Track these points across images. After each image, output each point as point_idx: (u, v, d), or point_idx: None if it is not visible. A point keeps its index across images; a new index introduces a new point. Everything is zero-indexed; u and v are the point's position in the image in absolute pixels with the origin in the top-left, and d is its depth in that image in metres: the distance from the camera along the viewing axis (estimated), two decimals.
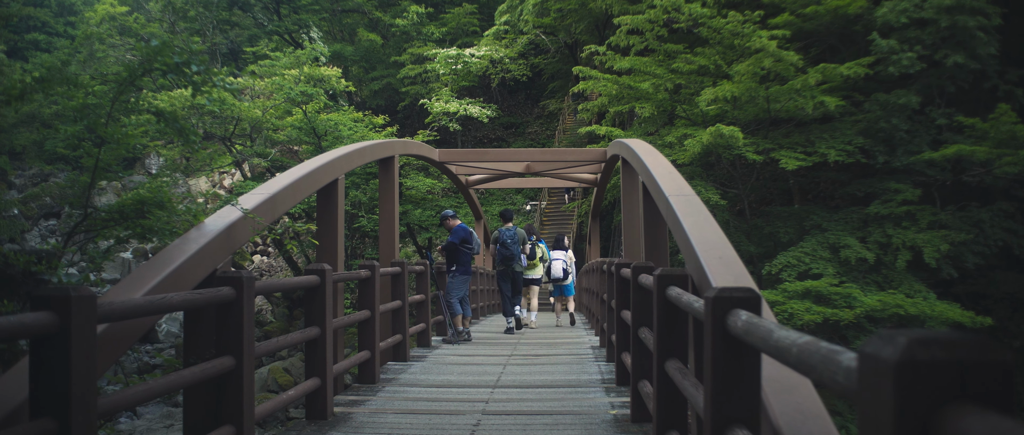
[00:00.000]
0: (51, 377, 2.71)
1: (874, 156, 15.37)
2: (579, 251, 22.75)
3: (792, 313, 12.68)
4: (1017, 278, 14.81)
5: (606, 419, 5.88)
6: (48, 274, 4.47)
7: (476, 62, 28.62)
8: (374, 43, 31.95)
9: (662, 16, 17.36)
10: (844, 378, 1.42)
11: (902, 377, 1.14)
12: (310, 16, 31.98)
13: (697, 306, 3.26)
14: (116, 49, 29.48)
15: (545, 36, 30.46)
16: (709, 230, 4.56)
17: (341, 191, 7.21)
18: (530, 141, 32.38)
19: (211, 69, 4.73)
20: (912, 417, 1.14)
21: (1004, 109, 13.86)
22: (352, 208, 20.47)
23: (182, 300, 3.76)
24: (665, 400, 4.34)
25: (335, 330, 6.36)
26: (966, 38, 14.59)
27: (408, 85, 30.51)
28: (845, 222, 15.45)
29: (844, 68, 14.71)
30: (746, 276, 3.80)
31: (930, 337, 1.16)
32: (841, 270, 14.18)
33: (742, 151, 14.87)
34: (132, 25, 30.20)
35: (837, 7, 15.53)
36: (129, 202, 4.92)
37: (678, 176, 6.23)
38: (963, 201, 15.29)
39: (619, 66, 17.80)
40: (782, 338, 1.89)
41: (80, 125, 4.88)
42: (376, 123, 21.08)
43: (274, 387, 16.42)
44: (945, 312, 12.84)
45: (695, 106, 16.33)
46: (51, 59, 26.32)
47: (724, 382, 2.60)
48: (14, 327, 2.55)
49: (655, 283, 4.45)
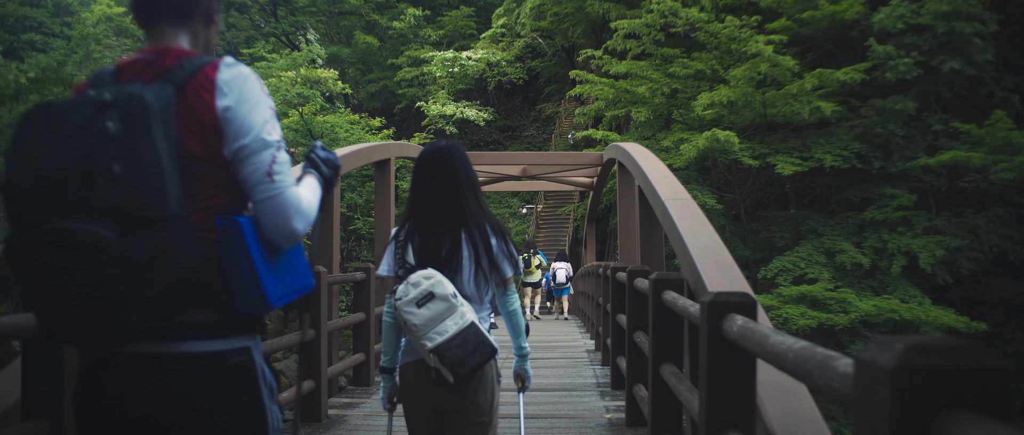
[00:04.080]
0: (44, 378, 2.70)
1: (870, 161, 15.39)
2: (574, 255, 22.82)
3: (787, 318, 12.69)
4: (1012, 284, 14.83)
5: (601, 423, 5.88)
6: None
7: (473, 65, 28.64)
8: (371, 45, 31.96)
9: (659, 20, 17.38)
10: (840, 384, 1.41)
11: (899, 384, 1.14)
12: (307, 18, 31.99)
13: (693, 310, 3.25)
14: (112, 50, 29.49)
15: (542, 39, 30.48)
16: (705, 234, 4.56)
17: (337, 193, 7.21)
18: (527, 144, 32.39)
19: None
20: (909, 424, 1.14)
21: (1000, 115, 13.89)
22: (348, 210, 20.45)
23: None
24: (660, 404, 4.33)
25: (330, 332, 6.35)
26: (963, 44, 14.63)
27: (405, 88, 30.52)
28: (841, 227, 15.47)
29: (841, 73, 14.73)
30: (742, 281, 3.80)
31: (927, 344, 1.15)
32: (836, 275, 14.19)
33: (738, 156, 14.88)
34: (129, 26, 30.18)
35: (834, 12, 15.56)
36: None
37: (674, 180, 6.23)
38: (959, 207, 15.32)
39: (616, 70, 17.81)
40: (778, 343, 1.88)
41: None
42: (372, 125, 21.09)
43: None
44: (940, 317, 12.85)
45: (691, 111, 16.35)
46: (47, 60, 26.28)
47: (719, 387, 2.60)
48: (7, 328, 2.54)
49: (651, 287, 4.45)
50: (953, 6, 14.43)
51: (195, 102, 1.63)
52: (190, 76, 1.64)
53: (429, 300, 2.58)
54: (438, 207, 2.78)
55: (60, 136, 1.50)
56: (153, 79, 1.65)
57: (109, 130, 1.50)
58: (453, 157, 2.83)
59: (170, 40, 1.75)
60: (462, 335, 2.57)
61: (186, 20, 1.77)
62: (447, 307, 2.59)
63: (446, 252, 2.74)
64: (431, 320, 2.57)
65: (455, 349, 2.56)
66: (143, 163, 1.51)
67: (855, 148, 15.26)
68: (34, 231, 1.48)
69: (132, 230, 1.50)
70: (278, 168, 1.67)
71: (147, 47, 1.76)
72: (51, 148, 1.50)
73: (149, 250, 1.51)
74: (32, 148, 1.51)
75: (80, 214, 1.47)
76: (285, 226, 1.67)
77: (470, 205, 2.80)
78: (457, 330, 2.57)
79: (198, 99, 1.63)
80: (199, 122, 1.63)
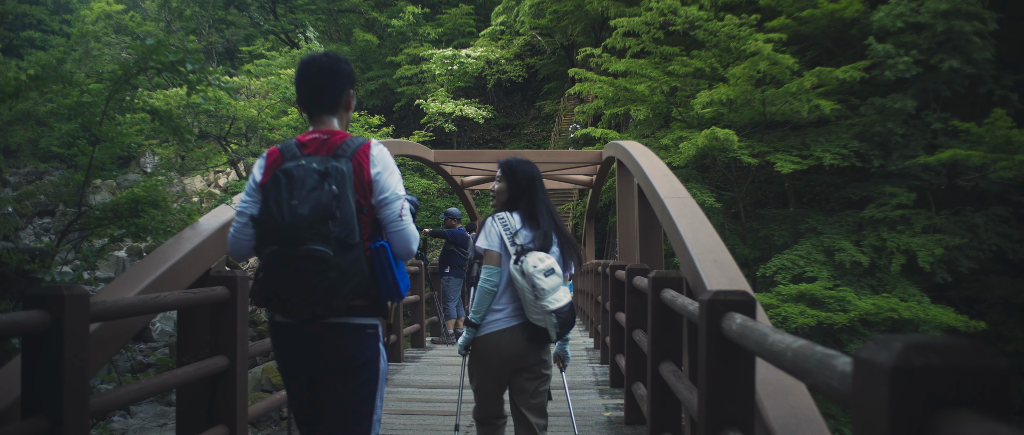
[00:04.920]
0: (44, 376, 2.70)
1: (869, 160, 15.39)
2: None
3: (786, 316, 12.69)
4: (1011, 283, 14.83)
5: (600, 421, 5.88)
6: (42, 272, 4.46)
7: (472, 63, 28.61)
8: (370, 43, 31.93)
9: (658, 19, 17.37)
10: (839, 383, 1.42)
11: (897, 382, 1.14)
12: (306, 16, 31.95)
13: (692, 309, 3.25)
14: (112, 47, 29.45)
15: (541, 37, 30.46)
16: (704, 233, 4.56)
17: None
18: (526, 142, 32.36)
19: (206, 68, 4.72)
20: (907, 422, 1.14)
21: (999, 114, 13.89)
22: None
23: (176, 299, 3.75)
24: (659, 402, 4.34)
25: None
26: (962, 43, 14.62)
27: (404, 85, 30.50)
28: (840, 226, 15.47)
29: (840, 72, 14.72)
30: (741, 279, 3.80)
31: (926, 342, 1.16)
32: (835, 273, 14.19)
33: (737, 154, 14.88)
34: (128, 23, 30.15)
35: (833, 11, 15.55)
36: (123, 201, 4.90)
37: (673, 178, 6.23)
38: (958, 205, 15.32)
39: (615, 68, 17.80)
40: (777, 342, 1.88)
41: (75, 123, 4.87)
42: (372, 123, 21.04)
43: (268, 386, 16.35)
44: (939, 316, 12.85)
45: (691, 109, 16.34)
46: (46, 57, 26.26)
47: (718, 385, 2.60)
48: (7, 325, 2.54)
49: (650, 286, 4.45)
50: (952, 4, 14.42)
51: (358, 170, 2.67)
52: (354, 152, 2.69)
53: (551, 273, 3.41)
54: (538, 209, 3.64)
55: (305, 192, 2.51)
56: (329, 153, 2.68)
57: (334, 191, 2.52)
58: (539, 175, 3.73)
59: (329, 124, 2.82)
60: (570, 305, 3.43)
61: (335, 109, 2.85)
62: (560, 281, 3.44)
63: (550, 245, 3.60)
64: (553, 288, 3.39)
65: (565, 313, 3.41)
66: (347, 211, 2.54)
67: (854, 146, 15.26)
68: (294, 248, 2.49)
69: (342, 250, 2.52)
70: (404, 213, 2.73)
71: (317, 129, 2.81)
72: (300, 200, 2.50)
73: (349, 262, 2.54)
74: (285, 198, 2.52)
75: (319, 240, 2.48)
76: (408, 248, 2.75)
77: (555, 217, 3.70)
78: (568, 301, 3.43)
79: (360, 168, 2.68)
80: (362, 183, 2.67)
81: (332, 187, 2.52)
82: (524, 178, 3.63)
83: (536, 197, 3.63)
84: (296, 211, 2.48)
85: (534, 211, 3.60)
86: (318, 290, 2.51)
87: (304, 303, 2.55)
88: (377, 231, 2.71)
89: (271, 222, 2.52)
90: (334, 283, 2.51)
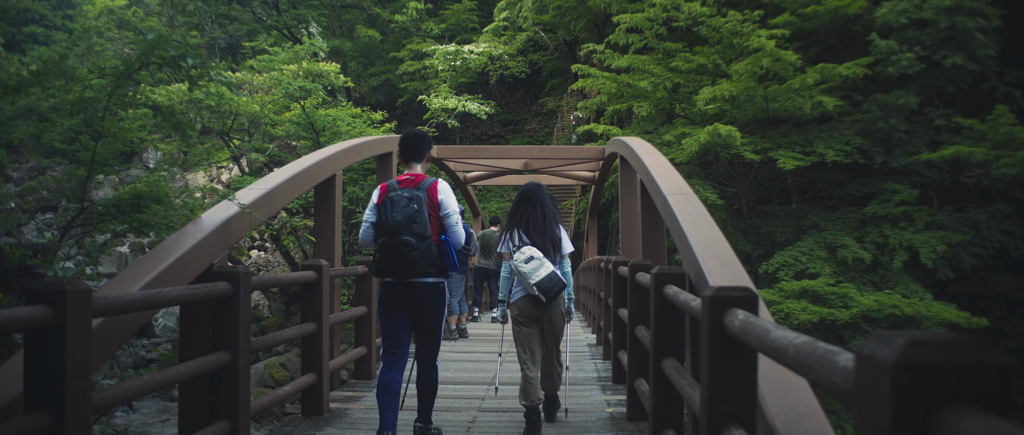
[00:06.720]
0: (46, 371, 2.70)
1: (872, 156, 15.37)
2: (576, 249, 22.74)
3: (789, 312, 12.69)
4: (1014, 279, 14.82)
5: (602, 417, 5.89)
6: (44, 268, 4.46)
7: (475, 59, 28.58)
8: (373, 39, 31.89)
9: (661, 15, 17.34)
10: (841, 379, 1.42)
11: (899, 379, 1.14)
12: (309, 11, 31.89)
13: (694, 305, 3.25)
14: (114, 43, 29.44)
15: (544, 33, 30.43)
16: (707, 229, 4.55)
17: (338, 187, 7.19)
18: (528, 138, 32.35)
19: (208, 63, 4.72)
20: (909, 419, 1.14)
21: (1002, 110, 13.86)
22: (350, 204, 20.44)
23: (178, 295, 3.75)
24: (661, 398, 4.34)
25: (331, 326, 6.35)
26: (965, 39, 14.59)
27: (407, 81, 30.48)
28: (842, 222, 15.46)
29: (843, 68, 14.70)
30: (743, 275, 3.79)
31: (928, 339, 1.16)
32: (838, 270, 14.19)
33: (740, 150, 14.87)
34: (130, 19, 30.10)
35: (837, 7, 15.52)
36: (126, 196, 4.90)
37: (676, 175, 6.22)
38: (960, 202, 15.30)
39: (618, 64, 17.78)
40: (779, 338, 1.88)
41: (77, 119, 4.86)
42: (375, 119, 21.02)
43: (270, 382, 16.39)
44: (941, 313, 12.85)
45: (693, 105, 16.32)
46: (49, 52, 26.25)
47: (721, 381, 2.60)
48: (9, 321, 2.55)
49: (652, 282, 4.45)
50: (956, 1, 14.38)
51: (431, 196, 4.67)
52: (428, 186, 4.69)
53: (531, 260, 5.13)
54: (532, 217, 5.36)
55: (400, 208, 4.52)
56: (413, 187, 4.67)
57: (415, 208, 4.53)
58: (542, 191, 5.46)
59: (415, 169, 4.87)
60: (549, 277, 5.10)
61: (421, 160, 4.92)
62: (540, 263, 5.13)
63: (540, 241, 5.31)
64: (533, 270, 5.11)
65: (545, 282, 5.11)
66: (422, 219, 4.55)
67: (857, 143, 15.24)
68: (394, 238, 4.50)
69: (420, 240, 4.52)
70: (460, 221, 4.76)
71: (410, 172, 4.84)
72: (398, 212, 4.52)
73: (424, 247, 4.54)
74: (389, 212, 4.54)
75: (408, 233, 4.50)
76: (461, 241, 4.75)
77: (549, 218, 5.38)
78: (546, 274, 5.10)
79: (432, 196, 4.68)
80: (433, 203, 4.66)
81: (414, 206, 4.52)
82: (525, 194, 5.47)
83: (533, 210, 5.39)
84: (395, 219, 4.51)
85: (527, 220, 5.39)
86: (407, 262, 4.49)
87: (400, 269, 4.55)
88: (442, 230, 4.69)
89: (382, 225, 4.55)
90: (416, 258, 4.49)
